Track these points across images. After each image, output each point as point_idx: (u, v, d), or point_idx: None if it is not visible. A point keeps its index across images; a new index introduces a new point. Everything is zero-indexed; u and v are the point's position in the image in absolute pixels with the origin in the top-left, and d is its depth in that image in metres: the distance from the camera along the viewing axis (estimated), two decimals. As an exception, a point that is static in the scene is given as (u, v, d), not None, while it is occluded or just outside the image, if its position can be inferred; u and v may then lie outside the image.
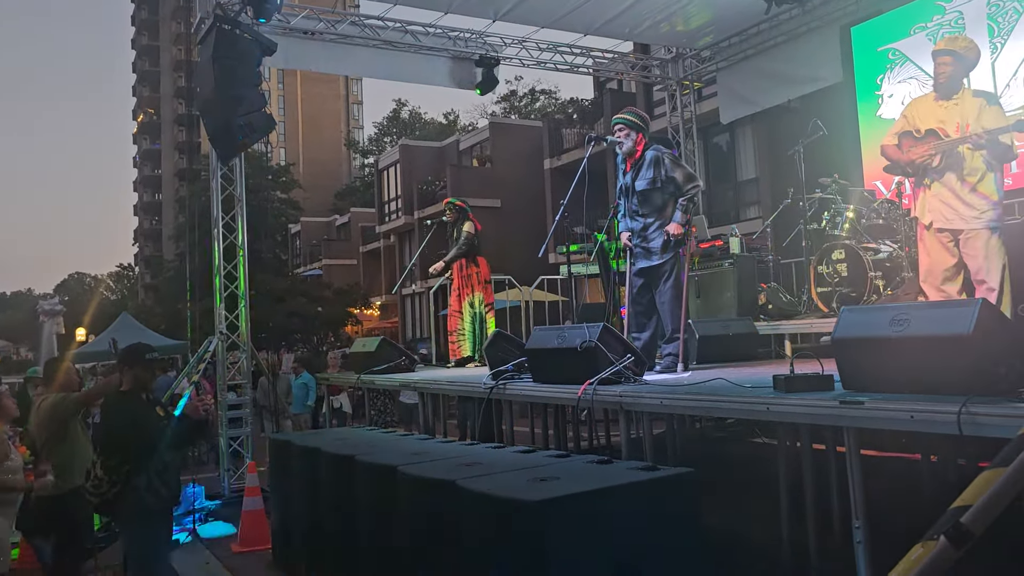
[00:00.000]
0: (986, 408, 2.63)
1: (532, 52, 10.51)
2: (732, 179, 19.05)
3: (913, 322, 3.07)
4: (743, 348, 6.23)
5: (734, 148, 18.97)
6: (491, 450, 4.58)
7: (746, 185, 18.67)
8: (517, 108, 48.21)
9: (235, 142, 8.19)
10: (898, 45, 8.64)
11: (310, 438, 6.08)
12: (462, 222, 8.12)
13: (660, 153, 5.44)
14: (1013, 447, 1.43)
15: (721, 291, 7.54)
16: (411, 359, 7.66)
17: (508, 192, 26.85)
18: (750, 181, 18.46)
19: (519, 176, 26.79)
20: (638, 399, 4.10)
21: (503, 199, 26.78)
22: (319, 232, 45.24)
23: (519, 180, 26.64)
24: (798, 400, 3.26)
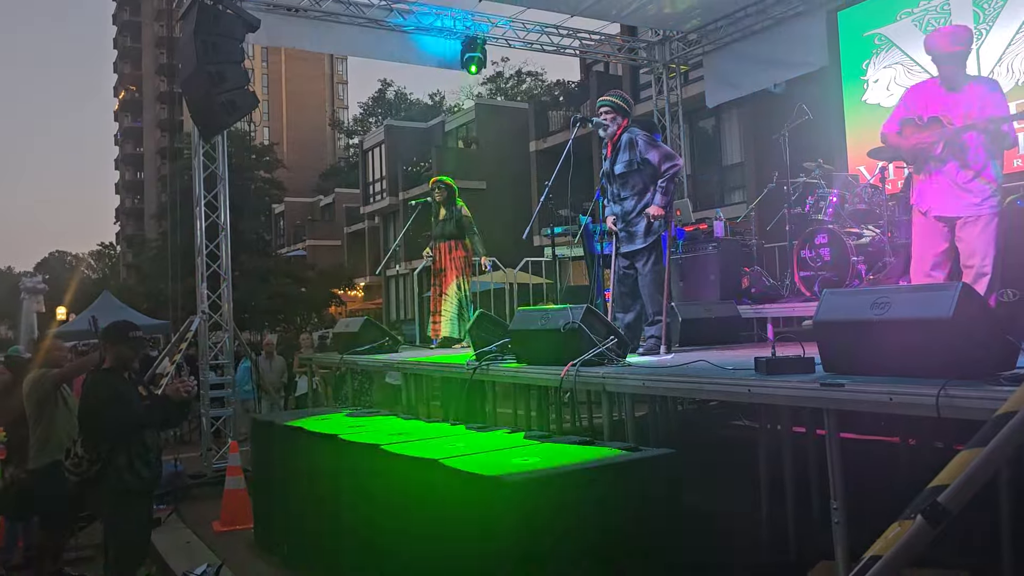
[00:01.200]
0: (964, 391, 2.66)
1: (519, 33, 10.44)
2: (717, 163, 19.09)
3: (894, 305, 3.09)
4: (725, 331, 6.26)
5: (719, 132, 19.00)
6: (475, 430, 4.59)
7: (731, 169, 18.72)
8: (503, 90, 47.98)
9: (218, 120, 8.10)
10: (884, 31, 8.66)
11: (293, 417, 6.06)
12: (452, 202, 8.06)
13: (634, 135, 5.43)
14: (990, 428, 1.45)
15: (704, 274, 7.56)
16: (394, 340, 7.64)
17: (493, 174, 26.77)
18: (735, 166, 18.50)
19: (504, 158, 26.72)
20: (620, 380, 4.11)
21: (488, 181, 26.70)
22: (303, 212, 44.98)
23: (504, 162, 26.58)
24: (779, 382, 3.28)
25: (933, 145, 4.62)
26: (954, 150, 4.56)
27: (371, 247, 34.50)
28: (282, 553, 5.50)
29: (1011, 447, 1.39)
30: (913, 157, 4.79)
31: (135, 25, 70.44)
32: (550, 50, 11.01)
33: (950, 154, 4.58)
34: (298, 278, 29.33)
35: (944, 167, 4.61)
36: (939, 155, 4.61)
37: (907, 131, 4.80)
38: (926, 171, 4.72)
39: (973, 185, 4.54)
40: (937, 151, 4.61)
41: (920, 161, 4.73)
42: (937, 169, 4.65)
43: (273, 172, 38.92)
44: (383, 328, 7.90)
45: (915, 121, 4.75)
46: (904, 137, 4.80)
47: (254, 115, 65.70)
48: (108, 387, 4.45)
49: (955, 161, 4.57)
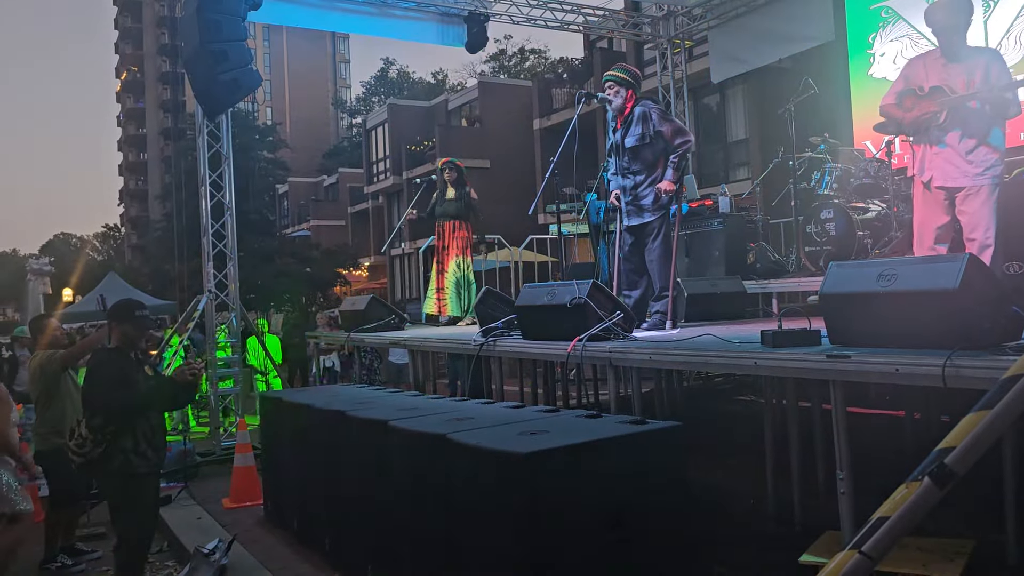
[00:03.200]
0: (970, 361, 2.67)
1: (522, 9, 10.37)
2: (722, 140, 18.98)
3: (900, 277, 3.09)
4: (731, 306, 6.26)
5: (724, 109, 18.88)
6: (481, 406, 4.61)
7: (736, 146, 18.62)
8: (506, 68, 47.75)
9: (221, 99, 8.09)
10: (891, 3, 8.57)
11: (300, 395, 6.11)
12: (461, 184, 8.12)
13: (647, 108, 5.41)
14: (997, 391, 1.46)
15: (710, 250, 7.56)
16: (400, 317, 7.67)
17: (497, 152, 26.69)
18: (740, 142, 18.40)
19: (508, 136, 26.62)
20: (627, 355, 4.13)
21: (492, 159, 26.63)
22: (307, 192, 44.95)
23: (508, 140, 26.49)
24: (786, 354, 3.30)
25: (936, 114, 4.59)
26: (958, 118, 4.54)
27: (375, 227, 34.50)
28: (292, 528, 5.56)
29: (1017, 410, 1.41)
30: (916, 128, 4.76)
31: (136, 5, 70.03)
32: (554, 26, 10.94)
33: (953, 122, 4.56)
34: (302, 258, 29.36)
35: (947, 136, 4.59)
36: (943, 123, 4.59)
37: (907, 102, 4.77)
38: (929, 140, 4.70)
39: (976, 155, 4.53)
40: (941, 119, 4.59)
41: (923, 131, 4.71)
42: (940, 138, 4.63)
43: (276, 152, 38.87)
44: (389, 306, 7.93)
45: (916, 92, 4.72)
46: (905, 109, 4.78)
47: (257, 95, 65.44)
48: (113, 366, 4.36)
49: (958, 130, 4.55)
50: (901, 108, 4.81)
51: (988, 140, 4.52)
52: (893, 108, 4.86)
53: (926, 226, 4.77)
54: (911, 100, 4.77)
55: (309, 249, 31.33)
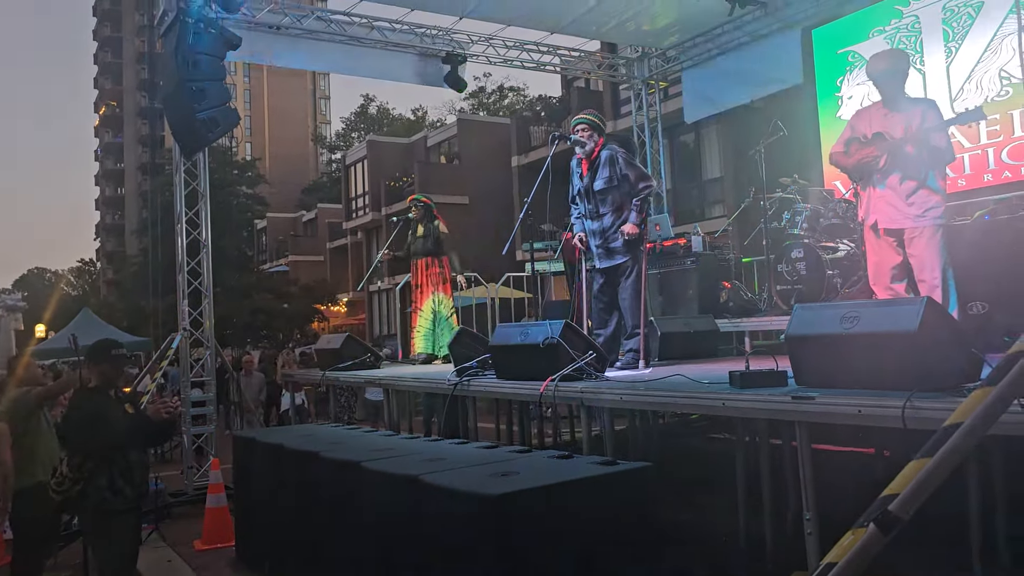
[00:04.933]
0: (930, 403, 2.73)
1: (499, 50, 10.53)
2: (697, 178, 19.27)
3: (862, 320, 3.17)
4: (704, 345, 6.33)
5: (699, 147, 19.19)
6: (455, 446, 4.63)
7: (711, 184, 18.90)
8: (486, 105, 48.23)
9: (199, 137, 8.12)
10: (857, 48, 8.81)
11: (274, 435, 6.07)
12: (429, 219, 8.16)
13: (614, 152, 5.54)
14: (938, 438, 1.51)
15: (683, 289, 7.65)
16: (376, 356, 7.67)
17: (476, 189, 26.88)
18: (715, 180, 18.69)
19: (487, 173, 26.84)
20: (598, 395, 4.17)
21: (471, 196, 26.81)
22: (285, 228, 44.89)
23: (487, 177, 26.70)
24: (752, 396, 3.35)
25: (877, 158, 4.80)
26: (897, 162, 4.74)
27: (354, 262, 34.47)
28: (263, 571, 5.49)
29: (958, 457, 1.46)
30: (859, 173, 4.98)
31: (116, 40, 70.21)
32: (530, 67, 11.11)
33: (893, 166, 4.76)
34: (280, 294, 29.26)
35: (887, 179, 4.79)
36: (883, 168, 4.78)
37: (852, 148, 5.00)
38: (872, 184, 4.89)
39: (916, 197, 4.72)
40: (881, 163, 4.78)
41: (866, 175, 4.91)
42: (881, 182, 4.82)
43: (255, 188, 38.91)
44: (365, 344, 7.93)
45: (860, 139, 4.94)
46: (849, 155, 4.99)
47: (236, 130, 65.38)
48: (92, 406, 4.44)
49: (898, 172, 4.75)
50: (847, 155, 5.03)
51: (927, 184, 4.71)
52: (840, 156, 5.09)
53: (881, 267, 4.93)
54: (855, 146, 4.99)
55: (287, 285, 31.25)
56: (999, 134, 7.49)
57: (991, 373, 1.58)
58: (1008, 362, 1.51)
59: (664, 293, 7.82)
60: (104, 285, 65.55)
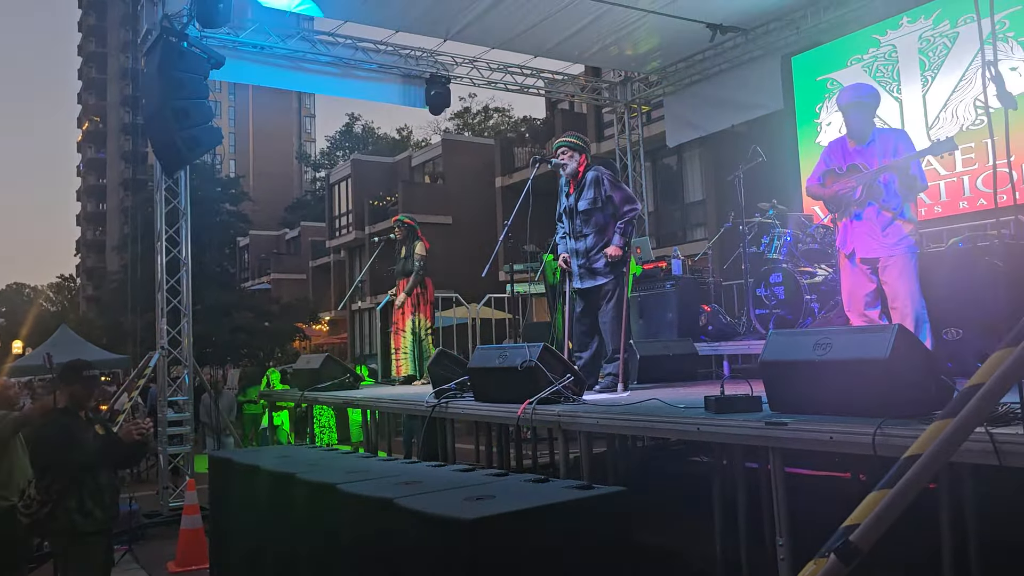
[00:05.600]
0: (899, 430, 2.76)
1: (483, 72, 10.62)
2: (680, 200, 19.40)
3: (835, 346, 3.20)
4: (683, 368, 6.37)
5: (682, 170, 19.34)
6: (432, 468, 4.59)
7: (693, 207, 19.03)
8: (471, 125, 48.42)
9: (181, 155, 8.12)
10: (836, 75, 8.95)
11: (251, 455, 6.01)
12: (412, 240, 8.16)
13: (600, 173, 5.58)
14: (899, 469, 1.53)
15: (663, 312, 7.68)
16: (355, 376, 7.64)
17: (460, 209, 26.94)
18: (697, 203, 18.82)
19: (471, 193, 26.91)
20: (575, 418, 4.17)
21: (455, 216, 26.86)
22: (268, 246, 44.77)
23: (471, 197, 26.77)
24: (726, 421, 3.37)
25: (853, 189, 4.88)
26: (872, 193, 4.83)
27: (336, 281, 34.38)
28: (237, 594, 5.42)
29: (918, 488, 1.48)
30: (836, 204, 5.06)
31: (101, 56, 70.04)
32: (514, 89, 11.20)
33: (869, 197, 4.84)
34: (261, 312, 29.09)
35: (864, 210, 4.87)
36: (859, 199, 4.86)
37: (828, 180, 5.08)
38: (848, 215, 4.97)
39: (891, 228, 4.80)
40: (857, 195, 4.86)
41: (843, 207, 4.99)
42: (858, 212, 4.90)
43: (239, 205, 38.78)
44: (344, 365, 7.90)
45: (835, 171, 5.02)
46: (826, 187, 5.07)
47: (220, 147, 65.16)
48: (61, 427, 4.40)
49: (873, 204, 4.83)
50: (823, 187, 5.11)
51: (901, 214, 4.79)
52: (816, 188, 5.17)
53: (855, 294, 4.99)
54: (831, 178, 5.07)
55: (268, 303, 31.09)
56: (974, 162, 7.62)
57: (950, 404, 1.60)
58: (967, 394, 1.53)
59: (644, 316, 7.85)
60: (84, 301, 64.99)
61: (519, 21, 9.04)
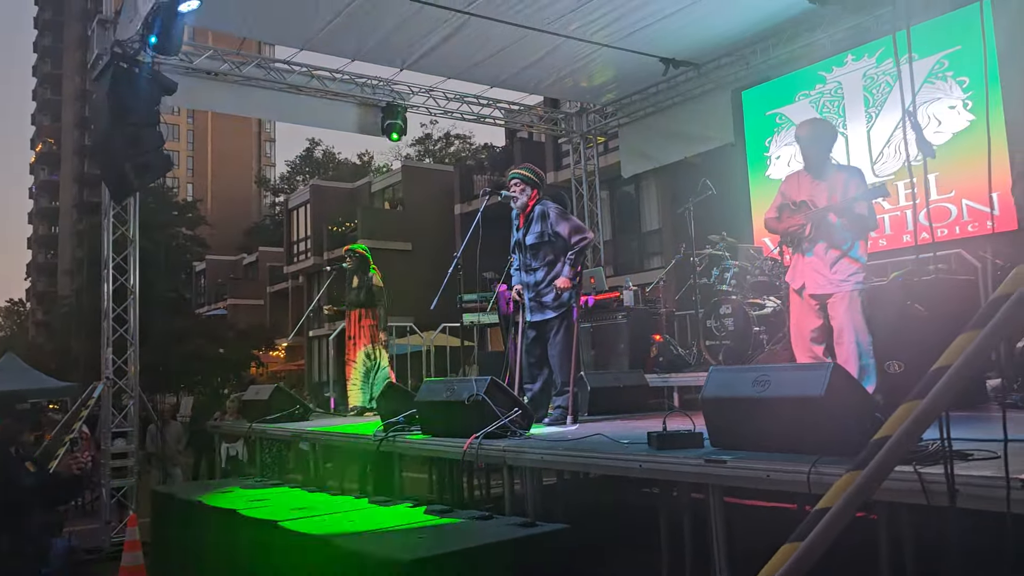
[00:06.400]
0: (834, 468, 2.78)
1: (439, 101, 10.65)
2: (637, 229, 19.60)
3: (773, 384, 3.24)
4: (634, 400, 6.39)
5: (639, 199, 19.57)
6: (376, 504, 4.54)
7: (650, 236, 19.23)
8: (432, 152, 48.51)
9: (129, 182, 8.00)
10: (785, 110, 9.14)
11: (194, 490, 5.89)
12: (364, 270, 8.11)
13: (546, 207, 5.61)
14: (809, 521, 1.55)
15: (615, 343, 7.72)
16: (305, 408, 7.53)
17: (419, 235, 26.90)
18: (654, 232, 19.03)
19: (430, 220, 26.90)
20: (520, 454, 4.16)
21: (414, 242, 26.82)
22: (225, 270, 44.17)
23: (430, 224, 26.75)
24: (667, 458, 3.38)
25: (803, 226, 4.96)
26: (822, 231, 4.91)
27: (294, 307, 33.98)
28: (177, 634, 5.28)
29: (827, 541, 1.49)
30: (788, 239, 5.13)
31: (56, 77, 69.00)
32: (470, 119, 11.26)
33: (819, 235, 4.93)
34: (216, 338, 28.61)
35: (814, 247, 4.95)
36: (809, 236, 4.95)
37: (784, 215, 5.16)
38: (800, 251, 5.05)
39: (839, 265, 4.88)
40: (807, 232, 4.95)
41: (795, 243, 5.07)
42: (809, 249, 4.98)
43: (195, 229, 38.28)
44: (294, 396, 7.79)
45: (790, 206, 5.10)
46: (780, 222, 5.14)
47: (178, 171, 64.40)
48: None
49: (823, 241, 4.92)
50: (779, 221, 5.18)
51: (850, 253, 4.88)
52: (773, 222, 5.25)
53: (801, 329, 5.05)
54: (786, 213, 5.15)
55: (224, 329, 30.61)
56: (917, 196, 7.80)
57: (860, 456, 1.62)
58: (875, 445, 1.55)
59: (596, 347, 7.88)
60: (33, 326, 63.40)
61: (474, 53, 9.11)
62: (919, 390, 1.50)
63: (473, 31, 8.59)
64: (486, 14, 8.20)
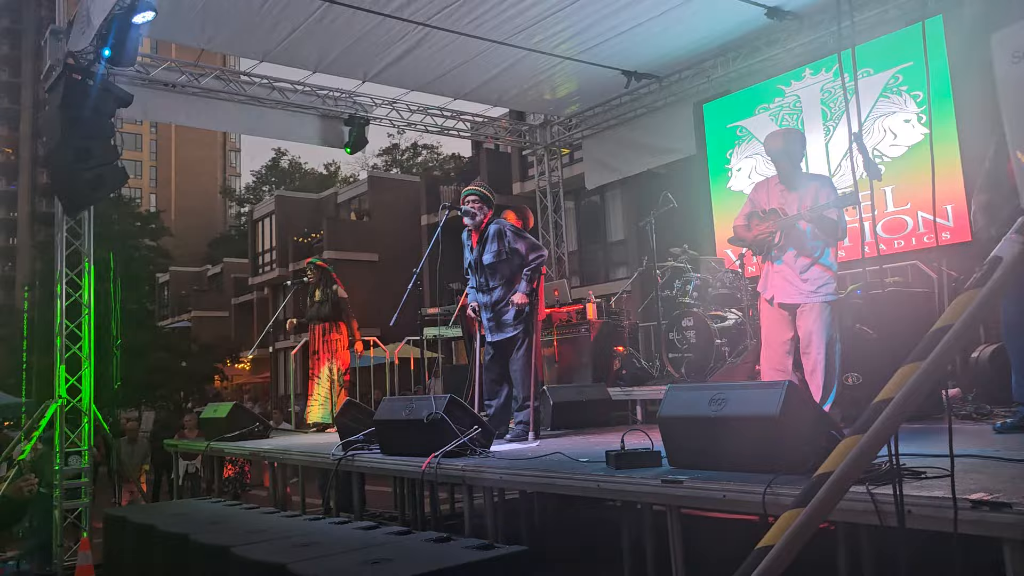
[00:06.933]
0: (788, 488, 2.77)
1: (403, 113, 10.59)
2: (602, 240, 19.67)
3: (729, 402, 3.22)
4: (596, 414, 6.37)
5: (604, 209, 19.64)
6: (334, 526, 4.46)
7: (615, 246, 19.31)
8: (399, 162, 48.38)
9: (82, 196, 7.83)
10: (745, 123, 9.23)
11: (147, 513, 5.75)
12: (327, 284, 8.02)
13: (502, 226, 5.57)
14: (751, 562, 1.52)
15: (579, 356, 7.70)
16: (265, 425, 7.41)
17: (386, 246, 26.76)
18: (620, 242, 19.10)
19: (397, 231, 26.79)
20: (479, 473, 4.10)
21: (381, 253, 26.67)
22: (189, 282, 43.58)
23: (397, 235, 26.64)
24: (625, 478, 3.35)
25: (773, 234, 4.96)
26: (792, 239, 4.91)
27: (260, 319, 33.59)
28: (129, 662, 5.13)
29: None
30: (758, 247, 5.11)
31: (14, 87, 67.74)
32: (434, 131, 11.21)
33: (788, 243, 4.92)
34: (179, 351, 28.16)
35: (784, 255, 4.95)
36: (779, 244, 4.94)
37: (753, 223, 5.14)
38: (770, 259, 5.04)
39: (809, 273, 4.87)
40: (776, 239, 4.94)
41: (764, 251, 5.05)
42: (778, 258, 4.97)
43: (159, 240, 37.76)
44: (253, 413, 7.66)
45: (759, 214, 5.09)
46: (749, 230, 5.13)
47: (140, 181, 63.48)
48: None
49: (793, 250, 4.91)
50: (748, 229, 5.16)
51: (821, 260, 4.88)
52: (742, 229, 5.22)
53: (772, 341, 5.03)
54: (756, 221, 5.13)
55: (188, 342, 30.15)
56: (874, 208, 7.90)
57: (801, 492, 1.60)
58: (816, 483, 1.53)
59: (560, 360, 7.85)
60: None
61: (436, 65, 9.07)
62: (861, 424, 1.48)
63: (435, 43, 8.55)
64: (447, 27, 8.17)
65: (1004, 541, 2.23)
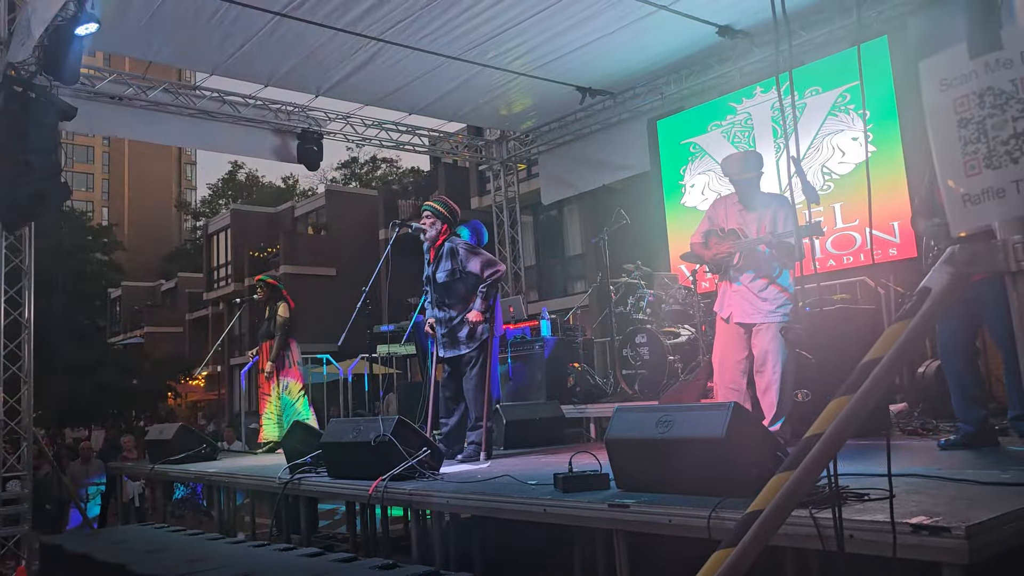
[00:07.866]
0: (732, 513, 2.74)
1: (357, 128, 10.50)
2: (560, 254, 19.71)
3: (676, 424, 3.20)
4: (550, 432, 6.33)
5: (562, 224, 19.69)
6: (278, 553, 4.33)
7: (573, 260, 19.36)
8: (359, 175, 48.05)
9: (23, 211, 7.60)
10: (698, 140, 9.29)
11: (84, 541, 5.55)
12: (275, 301, 7.89)
13: (455, 244, 5.53)
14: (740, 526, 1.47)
15: (533, 373, 7.66)
16: (212, 446, 7.23)
17: (344, 260, 26.51)
18: (577, 256, 19.16)
19: (355, 245, 26.55)
20: (427, 497, 4.03)
21: (338, 267, 26.41)
22: (142, 297, 42.73)
23: (355, 249, 26.40)
24: (572, 502, 3.30)
25: (732, 255, 4.97)
26: (750, 260, 4.93)
27: (214, 335, 33.00)
28: None
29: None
30: (716, 266, 5.13)
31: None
32: (389, 146, 11.14)
33: (747, 264, 4.94)
34: (130, 369, 27.49)
35: (741, 276, 4.97)
36: (737, 264, 4.96)
37: (711, 242, 5.16)
38: (728, 279, 5.06)
39: (767, 293, 4.90)
40: (735, 260, 4.96)
41: (722, 270, 5.08)
42: (736, 278, 5.00)
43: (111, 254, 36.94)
44: (199, 435, 7.47)
45: (718, 233, 5.11)
46: (708, 248, 5.14)
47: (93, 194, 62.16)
48: None
49: (751, 271, 4.93)
50: (706, 247, 5.19)
51: (778, 280, 4.91)
52: (700, 247, 5.24)
53: (726, 359, 5.05)
54: (714, 240, 5.16)
55: (139, 359, 29.48)
56: (824, 225, 7.99)
57: (734, 530, 1.56)
58: (746, 521, 1.50)
59: (514, 377, 7.80)
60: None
61: (389, 81, 9.00)
62: (791, 459, 1.45)
63: (389, 58, 8.49)
64: (401, 42, 8.12)
65: (943, 566, 2.22)
